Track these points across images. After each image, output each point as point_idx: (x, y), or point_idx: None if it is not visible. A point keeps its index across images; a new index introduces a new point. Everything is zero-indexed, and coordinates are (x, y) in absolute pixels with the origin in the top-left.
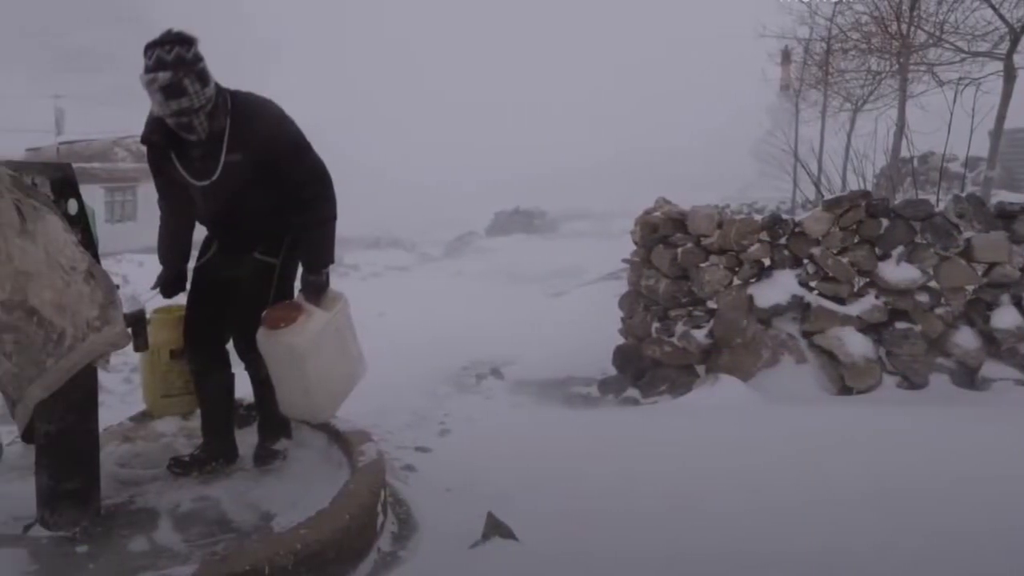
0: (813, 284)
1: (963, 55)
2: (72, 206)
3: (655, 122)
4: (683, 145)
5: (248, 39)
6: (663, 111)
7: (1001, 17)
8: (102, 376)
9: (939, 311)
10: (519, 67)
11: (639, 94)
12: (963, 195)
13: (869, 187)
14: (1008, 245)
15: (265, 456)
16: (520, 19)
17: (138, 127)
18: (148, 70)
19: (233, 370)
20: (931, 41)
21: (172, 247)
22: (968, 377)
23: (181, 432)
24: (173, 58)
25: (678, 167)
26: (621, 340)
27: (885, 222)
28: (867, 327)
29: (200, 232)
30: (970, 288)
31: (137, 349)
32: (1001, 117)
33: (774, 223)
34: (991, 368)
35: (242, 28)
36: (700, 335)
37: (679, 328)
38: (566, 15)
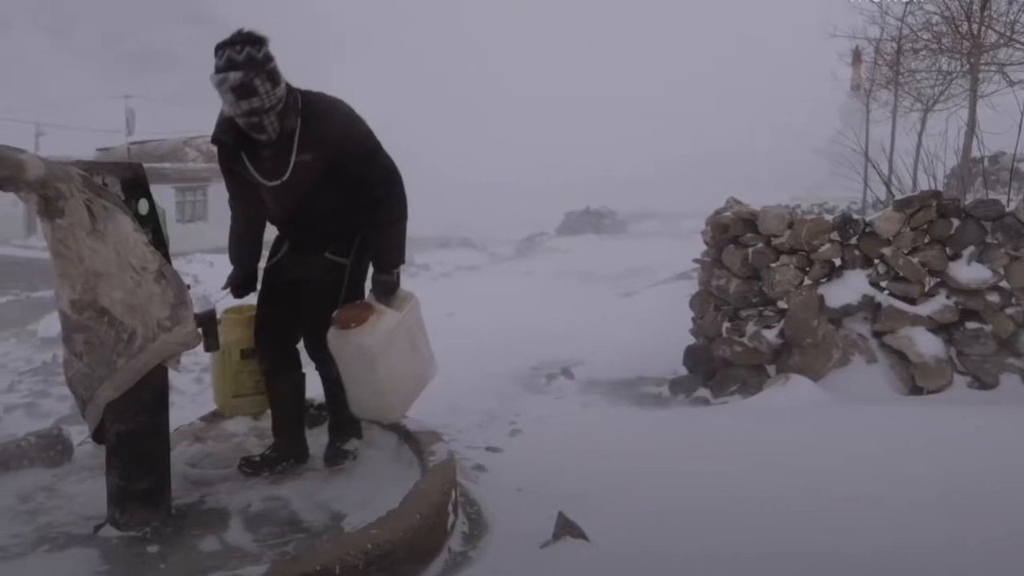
0: (884, 284)
1: None
2: (143, 206)
3: (725, 122)
4: (754, 145)
5: (318, 38)
6: (733, 111)
7: None
8: (172, 376)
9: (1010, 311)
10: (590, 67)
11: (709, 94)
12: None
13: (940, 187)
14: None
15: (336, 456)
16: (592, 19)
17: (209, 127)
18: (219, 70)
19: (304, 370)
20: (1002, 41)
21: (243, 247)
22: None
23: (252, 432)
24: (244, 58)
25: (749, 167)
26: (692, 340)
27: (956, 222)
28: (938, 327)
29: (271, 232)
30: None
31: (208, 349)
32: None
33: (845, 223)
34: None
35: (312, 27)
36: (771, 335)
37: (750, 328)
38: (638, 16)
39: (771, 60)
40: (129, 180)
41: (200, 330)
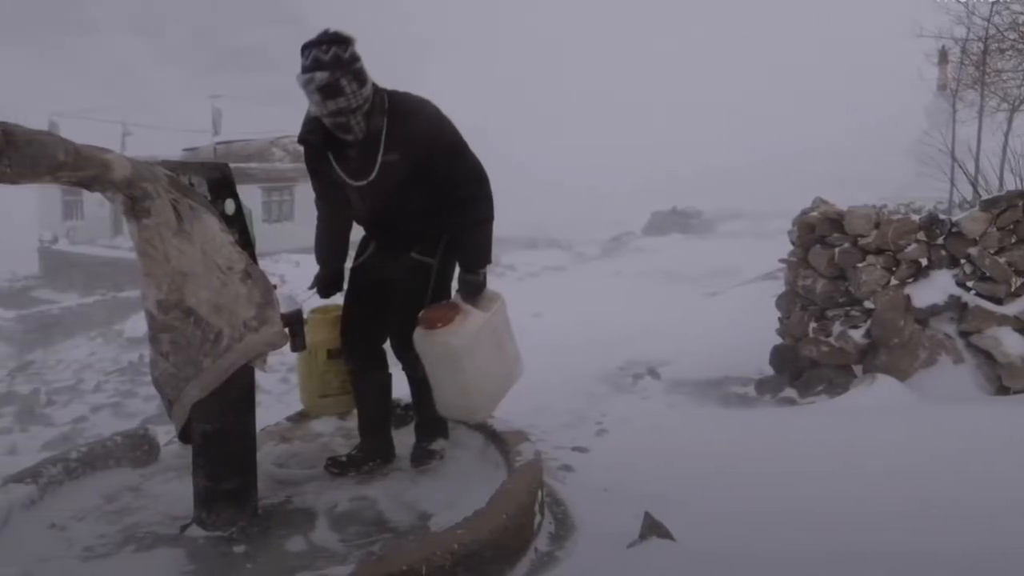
0: (970, 284)
1: None
2: (229, 206)
3: (812, 122)
4: (840, 145)
5: (404, 38)
6: (820, 111)
7: None
8: (259, 376)
9: None
10: (676, 67)
11: (796, 94)
12: None
13: None
14: None
15: (422, 456)
16: (677, 18)
17: (295, 127)
18: (305, 70)
19: (390, 370)
20: None
21: (329, 247)
22: None
23: (338, 432)
24: (330, 58)
25: (835, 167)
26: (778, 340)
27: None
28: None
29: (357, 232)
30: None
31: (294, 349)
32: None
33: (931, 223)
34: None
35: (398, 27)
36: (857, 335)
37: (836, 328)
38: (723, 15)
39: (857, 60)
40: (216, 180)
41: (286, 330)
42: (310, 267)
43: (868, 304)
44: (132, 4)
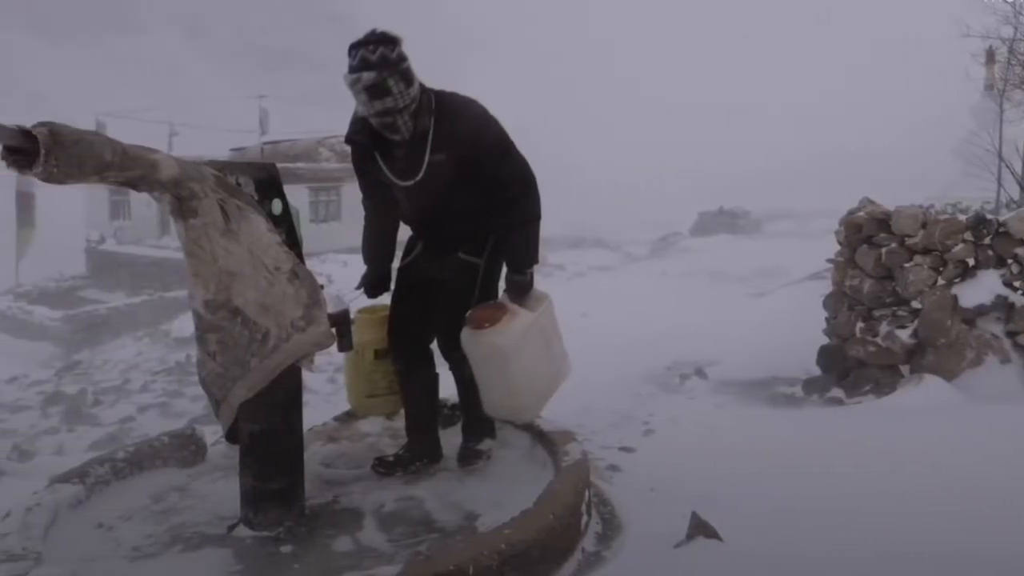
0: (1017, 284)
1: None
2: (276, 206)
3: (858, 122)
4: (886, 145)
5: (452, 38)
6: (866, 111)
7: None
8: (306, 376)
9: None
10: (722, 67)
11: (844, 94)
12: None
13: None
14: None
15: (469, 456)
16: (722, 18)
17: (342, 127)
18: (352, 70)
19: (437, 370)
20: None
21: (376, 247)
22: None
23: (385, 432)
24: (377, 58)
25: (881, 167)
26: (825, 340)
27: None
28: None
29: (405, 232)
30: None
31: (341, 349)
32: None
33: (978, 223)
34: None
35: (446, 27)
36: (904, 335)
37: (883, 328)
38: (768, 15)
39: (904, 60)
40: (263, 180)
41: (334, 330)
42: (357, 267)
43: (915, 304)
44: (178, 4)
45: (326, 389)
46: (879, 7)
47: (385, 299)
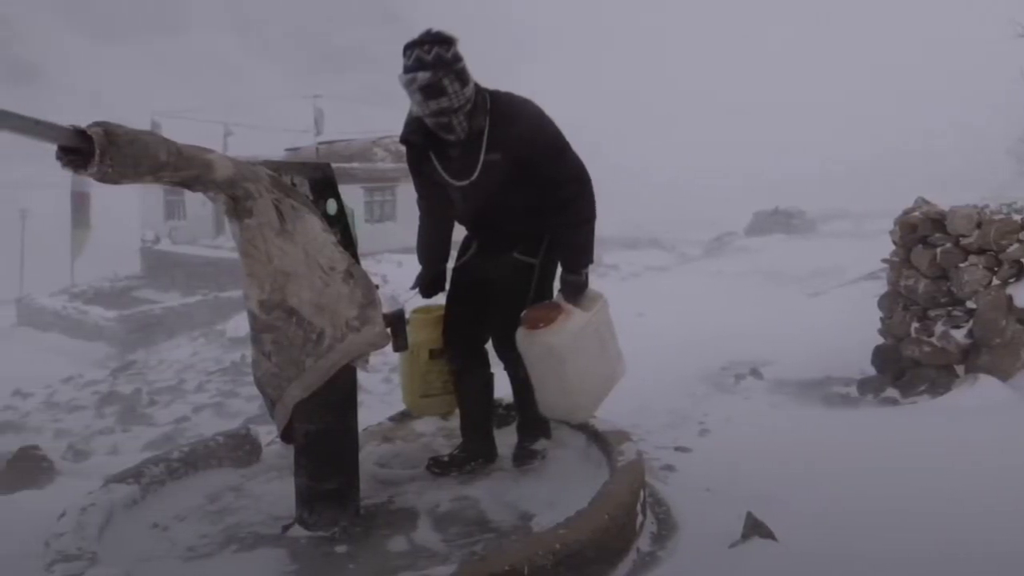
0: None
1: None
2: (331, 206)
3: (913, 122)
4: (942, 145)
5: (507, 37)
6: (920, 111)
7: None
8: (361, 376)
9: None
10: (778, 66)
11: (899, 94)
12: None
13: None
14: None
15: (524, 456)
16: (780, 18)
17: (397, 127)
18: (407, 70)
19: (492, 370)
20: None
21: (431, 247)
22: None
23: (440, 432)
24: (432, 58)
25: (936, 167)
26: (880, 340)
27: None
28: None
29: (460, 232)
30: None
31: (396, 349)
32: None
33: None
34: None
35: (501, 26)
36: (959, 335)
37: (938, 328)
38: (822, 15)
39: (959, 60)
40: (318, 180)
41: (389, 330)
42: (412, 267)
43: (970, 304)
44: (234, 4)
45: (381, 389)
46: (934, 6)
47: (440, 299)
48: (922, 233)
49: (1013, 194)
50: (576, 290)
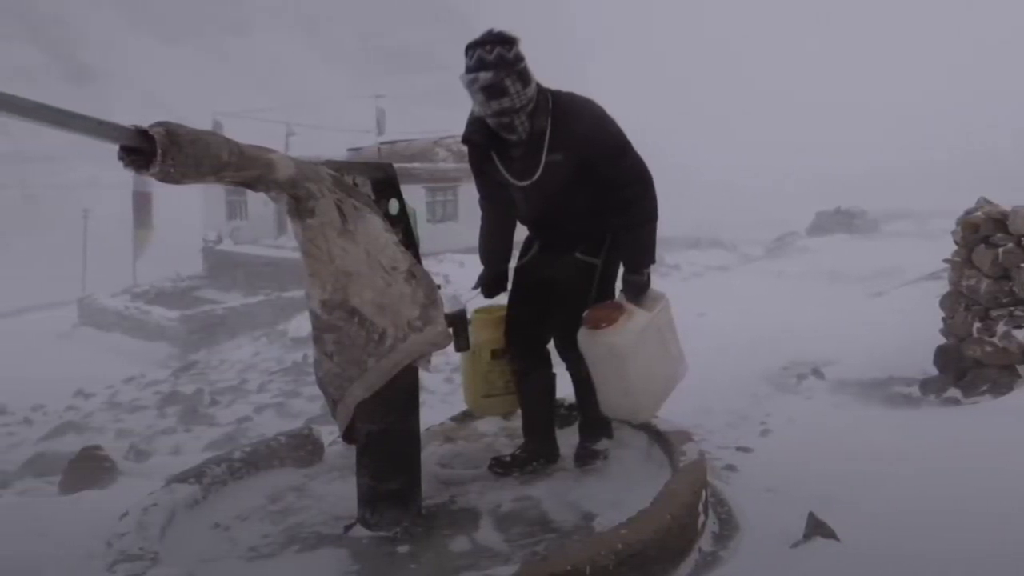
0: None
1: None
2: (393, 206)
3: (976, 121)
4: (1004, 145)
5: (569, 38)
6: (984, 110)
7: None
8: (423, 376)
9: None
10: (839, 66)
11: (961, 94)
12: None
13: None
14: None
15: (586, 456)
16: (841, 17)
17: (459, 127)
18: (469, 70)
19: (554, 370)
20: None
21: (493, 247)
22: None
23: (502, 432)
24: (494, 58)
25: (999, 166)
26: (942, 340)
27: None
28: None
29: (521, 232)
30: None
31: (458, 349)
32: None
33: None
34: None
35: (563, 27)
36: (1021, 335)
37: (1000, 328)
38: (887, 14)
39: (1020, 59)
40: (380, 180)
41: (450, 330)
42: (474, 267)
43: None
44: (295, 4)
45: (443, 389)
46: (999, 6)
47: (502, 299)
48: (984, 233)
49: None
50: (638, 290)
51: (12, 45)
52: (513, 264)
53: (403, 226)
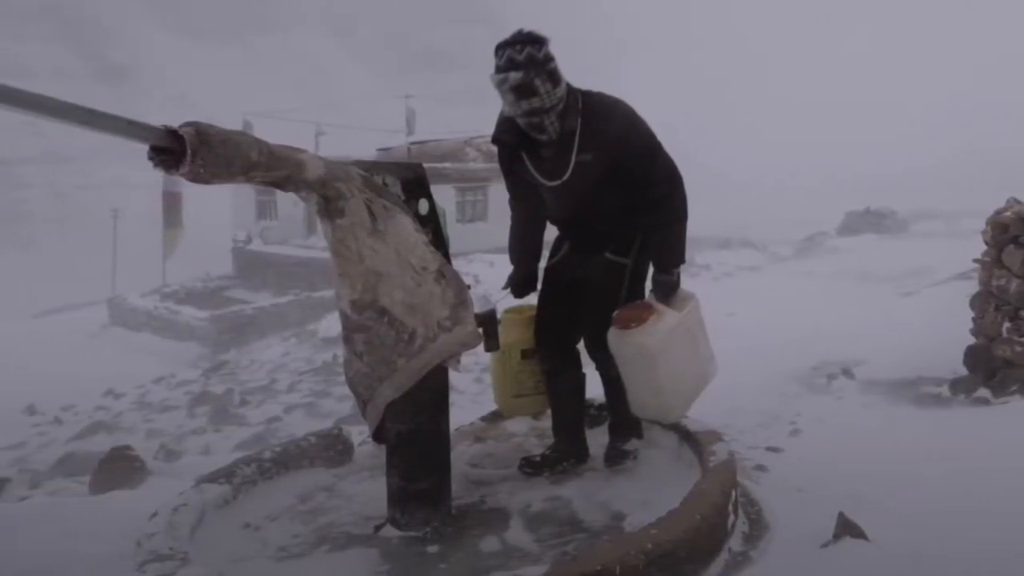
0: None
1: None
2: (423, 206)
3: (1005, 121)
4: None
5: (599, 38)
6: (1013, 110)
7: None
8: (453, 376)
9: None
10: (866, 65)
11: (989, 93)
12: None
13: None
14: None
15: (616, 456)
16: (867, 17)
17: (489, 127)
18: (499, 70)
19: (584, 370)
20: None
21: (523, 247)
22: None
23: (532, 432)
24: (524, 58)
25: None
26: (972, 340)
27: None
28: None
29: (551, 232)
30: None
31: (488, 349)
32: None
33: None
34: None
35: (593, 27)
36: None
37: None
38: (913, 12)
39: None
40: (409, 180)
41: (480, 330)
42: (504, 267)
43: None
44: (325, 4)
45: (473, 389)
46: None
47: (532, 299)
48: (1014, 233)
49: None
50: (668, 290)
51: (46, 46)
52: (543, 264)
53: (433, 226)
